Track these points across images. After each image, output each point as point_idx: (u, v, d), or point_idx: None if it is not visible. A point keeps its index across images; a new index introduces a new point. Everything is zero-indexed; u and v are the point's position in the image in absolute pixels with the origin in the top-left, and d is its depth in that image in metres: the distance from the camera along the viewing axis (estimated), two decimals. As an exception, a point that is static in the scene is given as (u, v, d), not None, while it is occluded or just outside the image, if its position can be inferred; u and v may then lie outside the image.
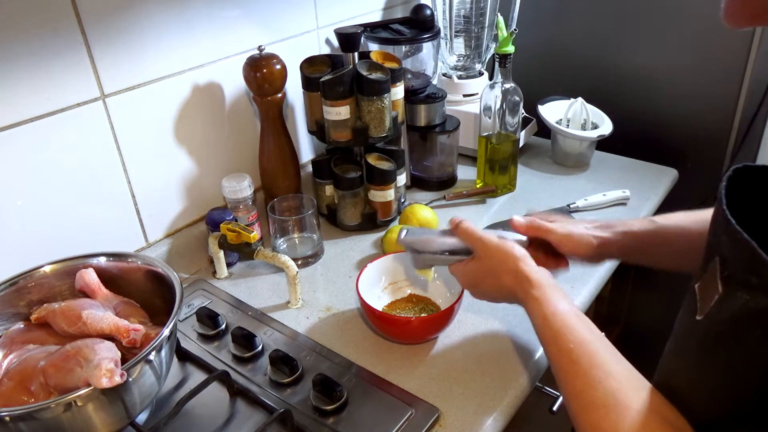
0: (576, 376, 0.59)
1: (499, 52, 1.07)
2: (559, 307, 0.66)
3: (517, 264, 0.71)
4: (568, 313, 0.65)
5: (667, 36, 1.24)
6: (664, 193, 1.17)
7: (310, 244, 1.03)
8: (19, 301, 0.74)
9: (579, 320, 0.64)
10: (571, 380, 0.59)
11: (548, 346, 0.64)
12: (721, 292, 0.47)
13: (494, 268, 0.73)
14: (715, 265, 0.48)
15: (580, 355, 0.60)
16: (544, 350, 0.66)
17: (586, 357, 0.59)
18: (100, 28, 0.83)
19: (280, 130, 1.06)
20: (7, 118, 0.77)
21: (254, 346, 0.82)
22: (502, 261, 0.72)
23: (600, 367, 0.58)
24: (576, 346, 0.60)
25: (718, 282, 0.47)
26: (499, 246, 0.73)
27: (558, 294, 0.67)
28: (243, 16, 1.03)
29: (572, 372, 0.59)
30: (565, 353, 0.61)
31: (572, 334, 0.62)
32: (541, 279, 0.69)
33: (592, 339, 0.61)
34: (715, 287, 0.48)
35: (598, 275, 0.95)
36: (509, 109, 1.11)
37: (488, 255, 0.73)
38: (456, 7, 1.23)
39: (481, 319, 0.87)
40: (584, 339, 0.61)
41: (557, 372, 0.62)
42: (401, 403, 0.73)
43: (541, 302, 0.67)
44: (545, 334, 0.65)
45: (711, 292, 0.48)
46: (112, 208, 0.93)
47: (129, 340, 0.68)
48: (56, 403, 0.58)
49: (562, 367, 0.61)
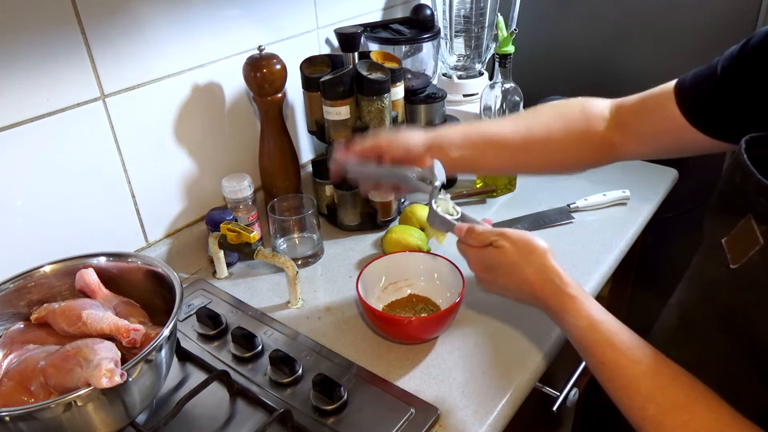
0: (644, 377, 0.58)
1: (499, 52, 1.07)
2: (600, 307, 0.64)
3: (544, 259, 0.67)
4: (609, 313, 0.63)
5: (667, 36, 1.24)
6: (664, 193, 1.17)
7: (310, 244, 1.03)
8: (19, 301, 0.74)
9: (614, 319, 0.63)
10: (641, 383, 0.58)
11: (598, 347, 0.61)
12: (762, 242, 0.54)
13: (516, 261, 0.67)
14: (749, 221, 0.56)
15: (642, 355, 0.59)
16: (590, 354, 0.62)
17: (648, 357, 0.59)
18: (100, 28, 0.83)
19: (280, 130, 1.06)
20: (7, 118, 0.77)
21: (254, 346, 0.82)
22: (527, 253, 0.67)
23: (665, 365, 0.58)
24: (632, 346, 0.60)
25: (758, 235, 0.55)
26: (522, 238, 0.68)
27: (586, 292, 0.65)
28: (243, 16, 1.03)
29: (639, 373, 0.58)
30: (626, 355, 0.60)
31: (623, 334, 0.61)
32: (569, 277, 0.66)
33: (639, 340, 0.61)
34: (754, 239, 0.55)
35: (598, 275, 0.95)
36: (509, 109, 1.11)
37: (512, 243, 0.68)
38: (456, 7, 1.23)
39: (482, 319, 0.87)
40: (636, 339, 0.61)
41: (618, 375, 0.60)
42: (401, 403, 0.73)
43: (581, 302, 0.64)
44: (595, 338, 0.62)
45: (749, 243, 0.56)
46: (112, 208, 0.93)
47: (129, 340, 0.68)
48: (56, 403, 0.58)
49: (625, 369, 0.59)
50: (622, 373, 0.59)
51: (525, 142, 0.80)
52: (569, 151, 0.81)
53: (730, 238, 0.58)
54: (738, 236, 0.57)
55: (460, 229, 0.72)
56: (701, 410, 0.54)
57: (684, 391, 0.56)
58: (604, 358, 0.60)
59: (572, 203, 1.12)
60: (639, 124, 0.78)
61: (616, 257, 1.00)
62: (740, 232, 0.57)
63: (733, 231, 0.58)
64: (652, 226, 1.14)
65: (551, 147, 0.80)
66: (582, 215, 1.11)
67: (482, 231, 0.70)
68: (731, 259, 0.58)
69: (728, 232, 0.59)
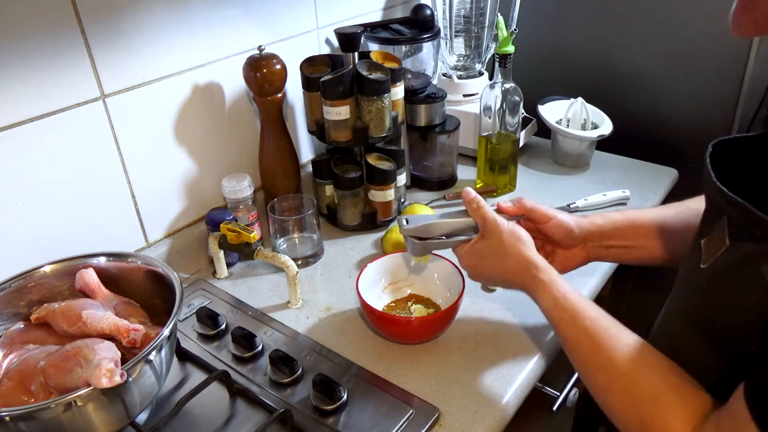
0: (598, 349, 0.63)
1: (499, 52, 1.07)
2: (567, 288, 0.70)
3: (523, 248, 0.74)
4: (575, 293, 0.69)
5: (667, 36, 1.24)
6: (664, 193, 1.17)
7: (310, 244, 1.03)
8: (19, 301, 0.74)
9: (586, 300, 0.69)
10: (594, 355, 0.64)
11: (563, 324, 0.68)
12: (727, 245, 0.56)
13: (501, 250, 0.75)
14: (723, 223, 0.57)
15: (597, 329, 0.65)
16: (557, 331, 0.69)
17: (603, 331, 0.64)
18: (100, 28, 0.83)
19: (280, 130, 1.06)
20: (7, 118, 0.77)
21: (254, 346, 0.82)
22: (509, 244, 0.75)
23: (617, 338, 0.63)
24: (591, 322, 0.65)
25: (725, 236, 0.57)
26: (508, 229, 0.75)
27: (561, 278, 0.71)
28: (243, 16, 1.03)
29: (593, 346, 0.64)
30: (582, 330, 0.65)
31: (586, 311, 0.66)
32: (546, 265, 0.73)
33: (602, 314, 0.67)
34: (722, 241, 0.57)
35: (598, 275, 0.95)
36: (509, 109, 1.11)
37: (498, 236, 0.75)
38: (456, 7, 1.23)
39: (482, 319, 0.87)
40: (598, 315, 0.66)
41: (576, 348, 0.66)
42: (401, 403, 0.73)
43: (550, 285, 0.70)
44: (558, 315, 0.68)
45: (718, 245, 0.58)
46: (112, 208, 0.93)
47: (129, 340, 0.68)
48: (56, 403, 0.58)
49: (581, 343, 0.65)
50: (580, 347, 0.66)
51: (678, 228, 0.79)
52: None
53: (709, 239, 0.60)
54: (714, 238, 0.59)
55: (467, 192, 0.78)
56: (644, 376, 0.60)
57: (631, 361, 0.61)
58: (567, 334, 0.67)
59: (572, 203, 1.12)
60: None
61: (616, 257, 1.00)
62: (716, 234, 0.59)
63: (712, 233, 0.60)
64: (652, 226, 1.14)
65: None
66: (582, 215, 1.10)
67: (484, 206, 0.77)
68: (703, 259, 0.60)
69: (708, 234, 0.61)
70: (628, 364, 0.61)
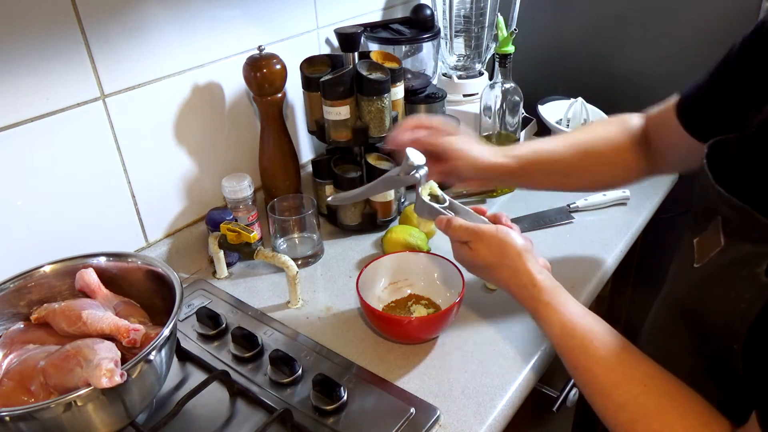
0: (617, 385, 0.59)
1: (499, 52, 1.07)
2: (573, 309, 0.65)
3: (518, 261, 0.68)
4: (582, 314, 0.65)
5: (667, 36, 1.24)
6: (664, 193, 1.17)
7: (310, 244, 1.03)
8: (19, 301, 0.74)
9: (594, 320, 0.65)
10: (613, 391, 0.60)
11: (573, 354, 0.63)
12: (723, 245, 0.55)
13: (491, 263, 0.70)
14: (718, 223, 0.56)
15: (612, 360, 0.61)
16: (566, 361, 0.64)
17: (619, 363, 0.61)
18: (100, 28, 0.83)
19: (280, 130, 1.06)
20: (7, 118, 0.77)
21: (254, 346, 0.82)
22: (500, 254, 0.69)
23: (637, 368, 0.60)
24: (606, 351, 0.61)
25: (720, 237, 0.56)
26: (495, 238, 0.70)
27: (564, 294, 0.67)
28: (243, 16, 1.03)
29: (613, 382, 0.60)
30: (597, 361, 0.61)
31: (596, 338, 0.62)
32: (545, 281, 0.68)
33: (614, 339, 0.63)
34: (717, 241, 0.56)
35: (598, 275, 0.95)
36: (509, 109, 1.11)
37: (485, 246, 0.70)
38: (456, 7, 1.23)
39: (482, 319, 0.87)
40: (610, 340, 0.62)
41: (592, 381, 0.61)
42: (401, 403, 0.73)
43: (554, 308, 0.65)
44: (567, 344, 0.64)
45: (712, 244, 0.57)
46: (112, 208, 0.93)
47: (129, 340, 0.68)
48: (56, 403, 0.58)
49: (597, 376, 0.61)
50: (595, 380, 0.61)
51: (574, 160, 0.83)
52: (616, 169, 0.84)
53: (701, 239, 0.60)
54: (707, 237, 0.59)
55: (440, 221, 0.75)
56: (672, 419, 0.55)
57: (656, 399, 0.57)
58: (577, 364, 0.62)
59: (572, 203, 1.12)
60: (656, 140, 0.79)
61: (616, 257, 1.00)
62: (709, 234, 0.58)
63: (705, 232, 0.59)
64: (652, 226, 1.14)
65: (598, 164, 0.83)
66: (582, 215, 1.11)
67: (459, 226, 0.73)
68: (696, 259, 0.59)
69: (701, 233, 0.60)
70: (654, 402, 0.57)
